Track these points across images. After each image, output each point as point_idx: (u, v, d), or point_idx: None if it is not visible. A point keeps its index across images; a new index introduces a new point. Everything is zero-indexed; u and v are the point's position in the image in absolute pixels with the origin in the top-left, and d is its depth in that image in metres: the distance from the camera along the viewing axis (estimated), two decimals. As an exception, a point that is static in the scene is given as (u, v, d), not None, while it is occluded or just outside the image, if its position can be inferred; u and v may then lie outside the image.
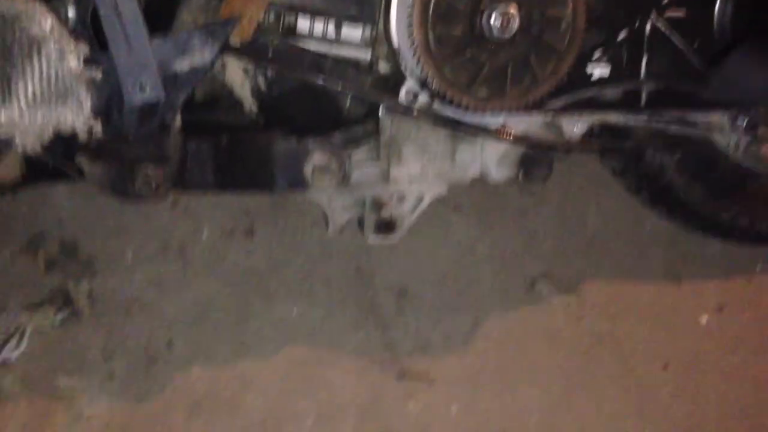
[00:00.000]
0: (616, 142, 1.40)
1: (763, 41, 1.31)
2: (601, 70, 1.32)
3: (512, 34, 1.18)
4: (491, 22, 1.17)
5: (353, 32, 1.24)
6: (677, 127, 1.37)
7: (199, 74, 1.09)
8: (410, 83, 1.25)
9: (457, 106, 1.24)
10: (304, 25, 1.22)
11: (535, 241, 1.76)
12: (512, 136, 1.32)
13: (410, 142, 1.32)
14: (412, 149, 1.33)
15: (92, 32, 1.02)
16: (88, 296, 1.55)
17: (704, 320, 1.74)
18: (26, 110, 0.96)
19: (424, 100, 1.27)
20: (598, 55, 1.32)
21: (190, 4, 1.14)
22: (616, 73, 1.33)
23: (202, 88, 1.26)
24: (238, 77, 1.25)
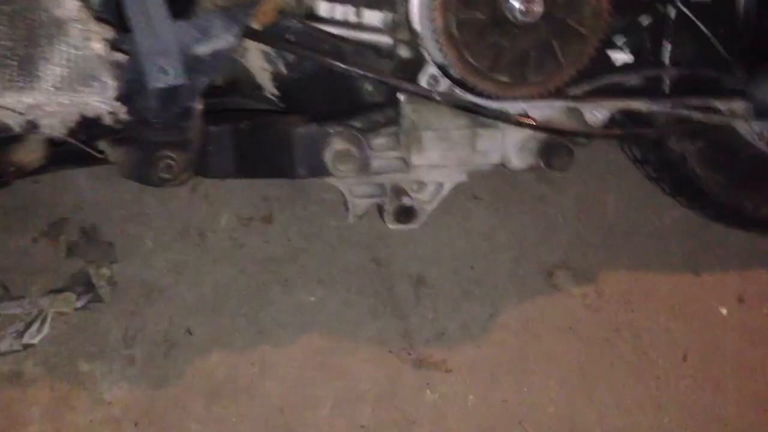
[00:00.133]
0: (638, 129, 1.39)
1: None
2: (624, 56, 1.31)
3: (535, 18, 1.17)
4: (514, 5, 1.16)
5: (374, 16, 1.24)
6: (700, 114, 1.36)
7: (220, 58, 1.09)
8: (431, 69, 1.25)
9: (478, 92, 1.24)
10: (325, 9, 1.22)
11: (553, 230, 1.75)
12: (533, 123, 1.31)
13: (430, 129, 1.32)
14: (432, 136, 1.32)
15: (116, 15, 1.02)
16: (108, 282, 1.56)
17: (724, 311, 1.73)
18: (51, 93, 0.96)
19: (444, 86, 1.26)
20: (621, 40, 1.31)
21: (211, -12, 1.14)
22: (639, 59, 1.32)
23: (222, 72, 1.25)
24: (258, 62, 1.25)
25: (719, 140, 1.49)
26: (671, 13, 1.32)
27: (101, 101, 0.99)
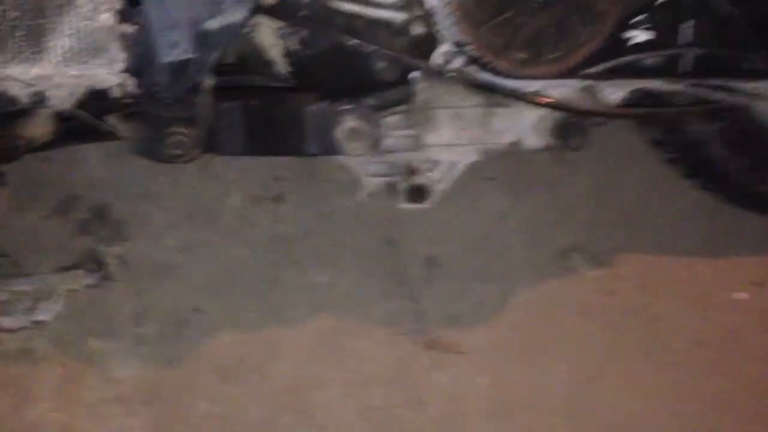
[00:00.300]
0: (655, 110, 1.37)
1: None
2: (642, 34, 1.29)
3: (553, -7, 1.15)
4: (532, -20, 1.14)
5: (387, -8, 1.22)
6: (720, 95, 1.33)
7: (231, 33, 1.08)
8: (445, 46, 1.23)
9: (492, 70, 1.22)
10: (337, -16, 1.20)
11: (567, 211, 1.72)
12: (549, 102, 1.29)
13: (444, 107, 1.30)
14: (445, 115, 1.31)
15: (125, -13, 1.01)
16: (119, 259, 1.56)
17: (741, 296, 1.70)
18: (59, 66, 0.95)
19: (459, 63, 1.24)
20: (639, 19, 1.28)
21: (222, -39, 1.12)
22: (657, 37, 1.29)
23: (232, 48, 1.24)
24: (270, 38, 1.23)
25: (739, 121, 1.46)
26: (692, -10, 1.29)
27: (109, 74, 0.98)
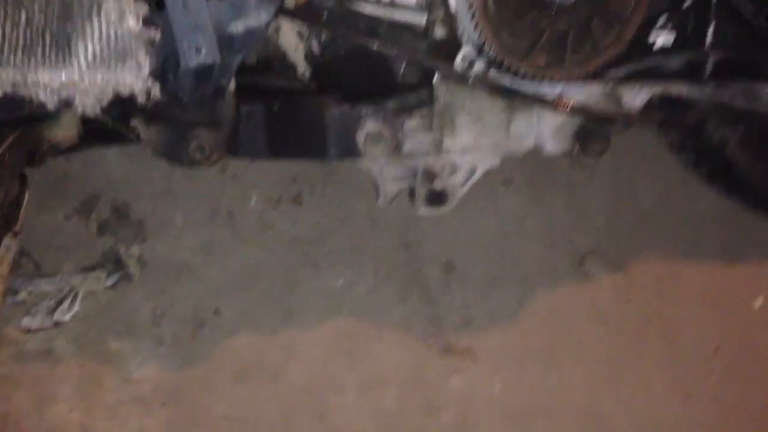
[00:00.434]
0: (677, 114, 1.36)
1: None
2: (665, 38, 1.28)
3: (575, -3, 1.14)
4: (554, -16, 1.13)
5: (410, -5, 1.22)
6: (742, 99, 1.32)
7: (254, 37, 1.08)
8: (467, 49, 1.22)
9: (514, 74, 1.21)
10: (360, -13, 1.20)
11: (585, 217, 1.72)
12: (570, 106, 1.28)
13: (464, 111, 1.29)
14: (466, 119, 1.30)
15: (150, -8, 1.01)
16: (138, 260, 1.57)
17: (758, 304, 1.69)
18: (86, 71, 0.96)
19: (480, 67, 1.23)
20: (662, 22, 1.27)
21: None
22: (680, 41, 1.28)
23: (255, 51, 1.24)
24: (292, 40, 1.23)
25: (760, 126, 1.45)
26: (714, -7, 1.28)
27: (135, 79, 0.98)
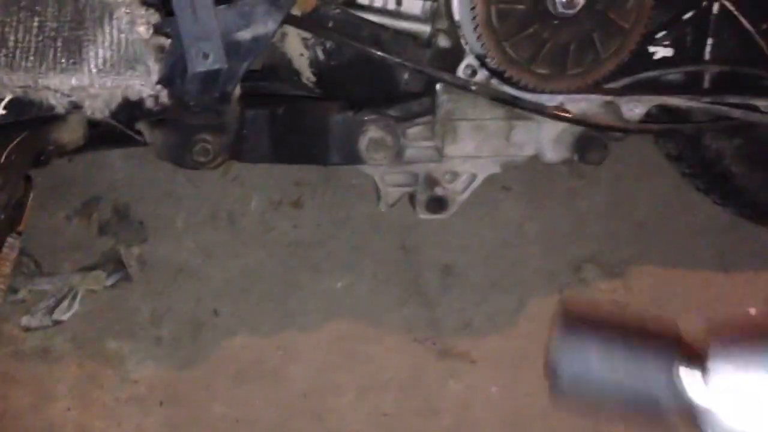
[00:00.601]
0: (675, 125, 1.37)
1: None
2: (664, 50, 1.30)
3: (577, 10, 1.15)
4: (556, -3, 1.14)
5: (414, 5, 1.23)
6: (740, 112, 1.33)
7: (261, 44, 1.09)
8: (469, 59, 1.24)
9: (516, 84, 1.22)
10: (365, -4, 1.21)
11: (583, 224, 1.73)
12: (570, 116, 1.30)
13: (466, 119, 1.31)
14: (467, 127, 1.32)
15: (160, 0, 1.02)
16: (138, 261, 1.57)
17: (754, 311, 1.70)
18: (96, 76, 0.97)
19: (482, 76, 1.25)
20: (662, 35, 1.29)
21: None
22: (679, 54, 1.30)
23: (261, 57, 1.25)
24: (297, 48, 1.25)
25: (757, 138, 1.46)
26: (714, 8, 1.29)
27: (144, 84, 0.99)
